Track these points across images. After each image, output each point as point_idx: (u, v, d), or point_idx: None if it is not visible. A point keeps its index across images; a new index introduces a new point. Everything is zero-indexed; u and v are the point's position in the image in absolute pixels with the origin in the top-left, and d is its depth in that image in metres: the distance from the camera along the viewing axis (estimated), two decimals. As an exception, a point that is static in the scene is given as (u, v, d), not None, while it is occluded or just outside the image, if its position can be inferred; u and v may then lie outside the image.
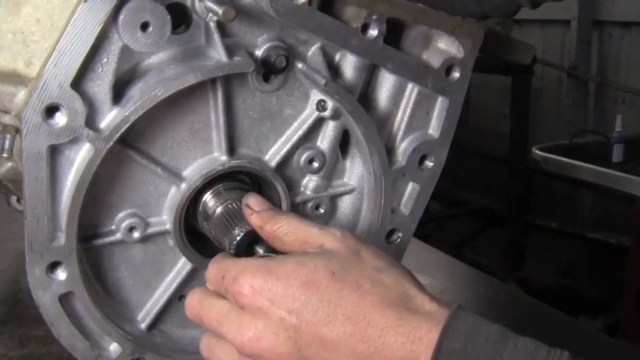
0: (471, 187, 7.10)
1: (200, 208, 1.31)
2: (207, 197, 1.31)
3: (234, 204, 1.27)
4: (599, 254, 6.00)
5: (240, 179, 1.34)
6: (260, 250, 1.21)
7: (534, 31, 7.05)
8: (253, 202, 1.22)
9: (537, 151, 4.59)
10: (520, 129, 6.14)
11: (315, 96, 1.33)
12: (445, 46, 1.39)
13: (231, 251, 1.20)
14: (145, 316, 1.37)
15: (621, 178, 4.24)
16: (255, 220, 1.20)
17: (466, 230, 7.04)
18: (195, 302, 1.16)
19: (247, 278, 1.08)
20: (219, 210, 1.28)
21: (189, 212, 1.32)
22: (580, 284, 6.00)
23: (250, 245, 1.21)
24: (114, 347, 1.32)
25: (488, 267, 6.30)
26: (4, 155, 1.24)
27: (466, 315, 1.03)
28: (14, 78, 1.13)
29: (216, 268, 1.15)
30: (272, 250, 1.19)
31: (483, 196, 6.94)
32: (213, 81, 1.22)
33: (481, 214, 6.98)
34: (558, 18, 6.86)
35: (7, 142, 1.22)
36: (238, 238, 1.20)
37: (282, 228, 1.17)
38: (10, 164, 1.30)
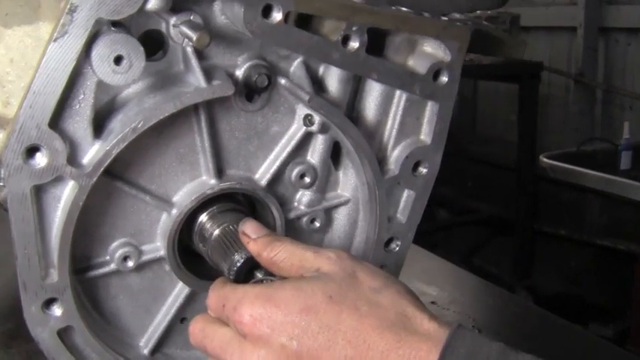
0: (478, 196, 7.10)
1: (196, 231, 1.30)
2: (203, 219, 1.30)
3: (231, 227, 1.26)
4: (608, 261, 5.99)
5: (234, 199, 1.33)
6: (259, 275, 1.20)
7: (540, 38, 6.99)
8: (249, 229, 1.22)
9: (545, 159, 4.56)
10: (527, 136, 6.11)
11: (302, 111, 1.31)
12: (431, 50, 1.37)
13: (231, 277, 1.19)
14: (147, 341, 1.36)
15: (629, 186, 4.21)
16: (252, 248, 1.20)
17: (474, 238, 7.04)
18: (197, 330, 1.16)
19: (247, 307, 1.08)
20: (216, 233, 1.27)
21: (184, 233, 1.31)
22: (589, 291, 5.99)
23: (250, 271, 1.20)
24: (118, 376, 1.32)
25: (497, 275, 6.30)
26: (1, 184, 1.24)
27: (465, 334, 1.02)
28: (-8, 120, 1.12)
29: (217, 296, 1.14)
30: (271, 274, 1.19)
31: (491, 204, 6.93)
32: (195, 105, 1.21)
33: (489, 222, 6.97)
34: (564, 25, 6.80)
35: (2, 172, 1.21)
36: (238, 264, 1.19)
37: (279, 255, 1.17)
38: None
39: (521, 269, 6.35)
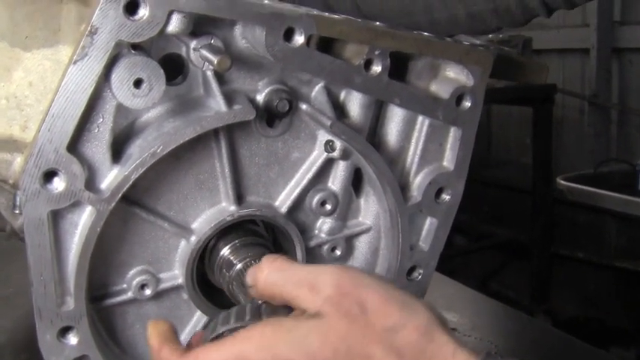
0: (494, 220, 7.05)
1: (216, 263, 1.27)
2: (225, 252, 1.27)
3: (254, 261, 1.23)
4: (627, 283, 5.92)
5: (253, 228, 1.31)
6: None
7: (553, 60, 6.98)
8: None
9: (562, 181, 4.53)
10: (543, 159, 6.05)
11: (323, 136, 1.29)
12: (454, 75, 1.35)
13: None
14: (164, 371, 1.33)
15: (649, 206, 4.17)
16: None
17: (492, 263, 6.99)
18: None
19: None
20: (239, 267, 1.24)
21: (202, 261, 1.29)
22: (609, 314, 5.92)
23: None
24: (133, 407, 1.29)
25: (515, 299, 6.24)
26: (17, 212, 1.22)
27: None
28: (10, 145, 1.11)
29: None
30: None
31: (508, 228, 6.87)
32: (215, 130, 1.19)
33: (506, 246, 6.91)
34: (577, 47, 6.80)
35: (18, 199, 1.19)
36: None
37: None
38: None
39: (539, 293, 6.28)
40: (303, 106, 1.26)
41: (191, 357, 1.01)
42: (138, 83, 1.07)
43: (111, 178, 1.13)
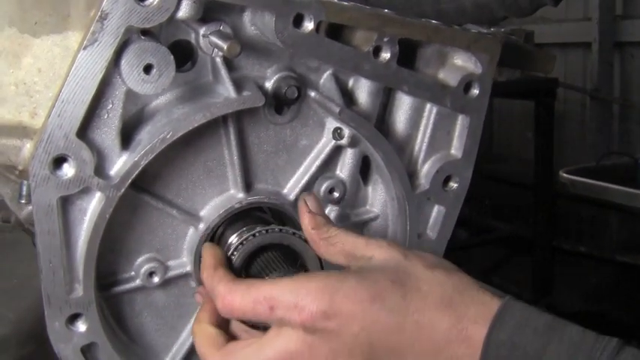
0: (496, 214, 7.05)
1: (224, 250, 1.26)
2: (233, 239, 1.24)
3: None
4: (629, 277, 5.91)
5: (261, 215, 1.30)
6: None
7: (555, 54, 6.95)
8: (311, 202, 1.19)
9: (564, 174, 4.51)
10: (544, 153, 6.04)
11: (331, 124, 1.29)
12: (462, 63, 1.35)
13: None
14: (172, 359, 1.33)
15: (652, 199, 4.14)
16: (307, 220, 1.17)
17: (493, 257, 6.98)
18: (240, 354, 1.08)
19: (315, 302, 1.03)
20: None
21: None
22: (611, 308, 5.91)
23: None
24: (142, 395, 1.29)
25: (517, 293, 6.22)
26: (23, 201, 1.22)
27: (515, 307, 1.04)
28: (19, 131, 1.11)
29: (254, 300, 1.06)
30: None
31: (509, 222, 6.88)
32: (224, 118, 1.19)
33: (508, 240, 6.91)
34: (579, 41, 6.79)
35: (24, 188, 1.19)
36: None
37: (333, 237, 1.15)
38: (29, 208, 1.28)
39: (541, 287, 6.28)
40: (312, 94, 1.26)
41: (243, 285, 1.08)
42: (147, 69, 1.07)
43: (120, 164, 1.12)
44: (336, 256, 1.15)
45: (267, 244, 1.20)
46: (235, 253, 1.19)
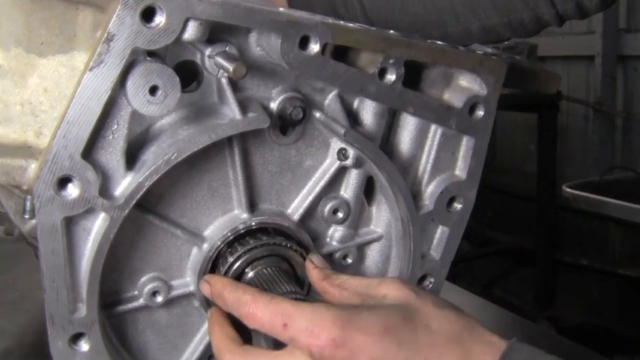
0: (499, 227, 7.03)
1: (228, 273, 1.26)
2: (234, 262, 1.25)
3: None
4: (631, 291, 5.90)
5: (266, 234, 1.30)
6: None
7: (558, 67, 6.95)
8: (316, 259, 1.26)
9: (567, 189, 4.51)
10: (547, 166, 6.03)
11: (336, 144, 1.29)
12: (467, 84, 1.35)
13: None
14: (174, 378, 1.33)
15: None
16: (316, 274, 1.23)
17: (495, 269, 6.98)
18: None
19: (326, 330, 1.05)
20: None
21: (214, 269, 1.28)
22: (613, 322, 5.90)
23: None
24: (144, 414, 1.29)
25: (519, 306, 6.23)
26: (26, 216, 1.22)
27: (522, 347, 1.07)
28: (24, 151, 1.10)
29: (272, 313, 1.09)
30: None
31: (512, 235, 6.86)
32: (229, 138, 1.19)
33: (510, 253, 6.90)
34: (582, 54, 6.78)
35: (28, 203, 1.19)
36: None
37: (344, 282, 1.19)
38: (33, 222, 1.28)
39: (542, 300, 6.27)
40: (317, 114, 1.26)
41: (267, 296, 1.13)
42: (153, 90, 1.06)
43: (125, 184, 1.12)
44: (350, 299, 1.17)
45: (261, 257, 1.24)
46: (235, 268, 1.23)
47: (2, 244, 2.58)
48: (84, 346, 1.19)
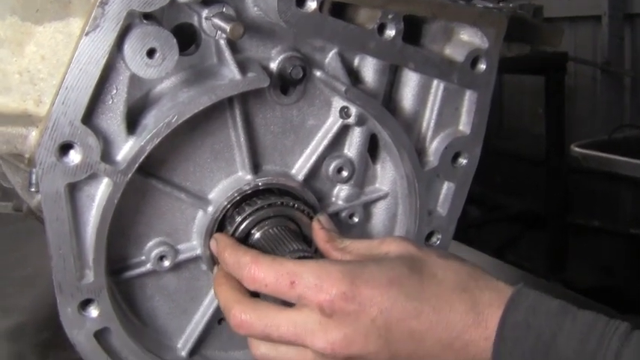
0: (508, 191, 6.99)
1: (235, 233, 1.25)
2: (241, 223, 1.25)
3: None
4: (644, 250, 5.87)
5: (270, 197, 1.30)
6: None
7: (564, 28, 6.85)
8: (323, 220, 1.26)
9: (576, 148, 4.46)
10: (556, 129, 5.97)
11: (338, 103, 1.29)
12: (468, 38, 1.33)
13: None
14: (185, 342, 1.34)
15: (665, 171, 4.09)
16: (321, 235, 1.23)
17: (506, 234, 6.94)
18: (252, 320, 1.10)
19: (335, 285, 1.06)
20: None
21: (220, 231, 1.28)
22: (625, 283, 5.87)
23: None
24: (156, 378, 1.29)
25: (531, 270, 6.21)
26: (33, 190, 1.22)
27: (528, 292, 1.08)
28: (24, 119, 1.10)
29: (278, 272, 1.09)
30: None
31: (522, 198, 6.83)
32: (229, 100, 1.19)
33: (520, 217, 6.87)
34: (588, 14, 6.70)
35: (33, 177, 1.19)
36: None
37: (347, 246, 1.20)
38: (39, 196, 1.29)
39: (554, 263, 6.25)
40: (317, 73, 1.25)
41: (269, 258, 1.13)
42: (151, 53, 1.06)
43: (126, 149, 1.12)
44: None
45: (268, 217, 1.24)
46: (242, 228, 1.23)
47: (13, 222, 2.60)
48: (93, 312, 1.19)
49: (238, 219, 1.24)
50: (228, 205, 1.25)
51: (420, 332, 1.06)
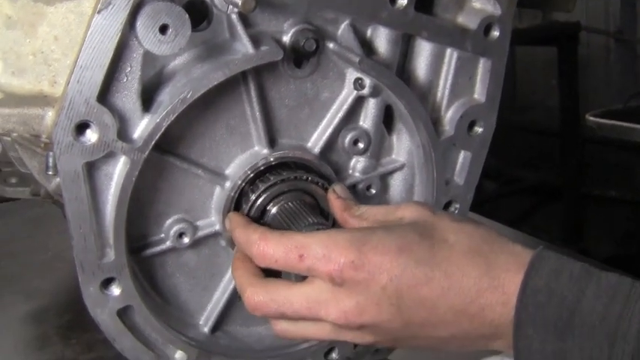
0: (523, 164, 6.95)
1: (251, 211, 1.26)
2: (257, 200, 1.26)
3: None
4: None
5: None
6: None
7: (576, -2, 6.80)
8: (339, 189, 1.26)
9: (591, 118, 4.42)
10: (569, 100, 5.90)
11: (352, 75, 1.28)
12: (480, 5, 1.33)
13: None
14: (206, 319, 1.35)
15: (682, 139, 4.05)
16: (338, 204, 1.22)
17: (522, 207, 6.90)
18: (265, 300, 1.11)
19: (343, 254, 1.05)
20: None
21: (237, 208, 1.28)
22: (644, 251, 5.84)
23: None
24: (179, 355, 1.30)
25: (548, 241, 6.18)
26: (50, 173, 1.22)
27: (549, 255, 1.04)
28: (40, 100, 1.10)
29: (286, 247, 1.09)
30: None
31: (537, 171, 6.79)
32: (243, 74, 1.19)
33: (536, 189, 6.83)
34: (600, -17, 6.65)
35: (50, 160, 1.20)
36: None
37: (363, 213, 1.19)
38: (57, 179, 1.29)
39: (571, 234, 6.23)
40: (331, 45, 1.24)
41: (277, 233, 1.14)
42: (163, 29, 1.06)
43: (143, 126, 1.12)
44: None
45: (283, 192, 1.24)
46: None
47: (32, 207, 2.62)
48: (115, 290, 1.20)
49: (253, 196, 1.24)
50: (243, 183, 1.25)
51: (432, 299, 1.05)
